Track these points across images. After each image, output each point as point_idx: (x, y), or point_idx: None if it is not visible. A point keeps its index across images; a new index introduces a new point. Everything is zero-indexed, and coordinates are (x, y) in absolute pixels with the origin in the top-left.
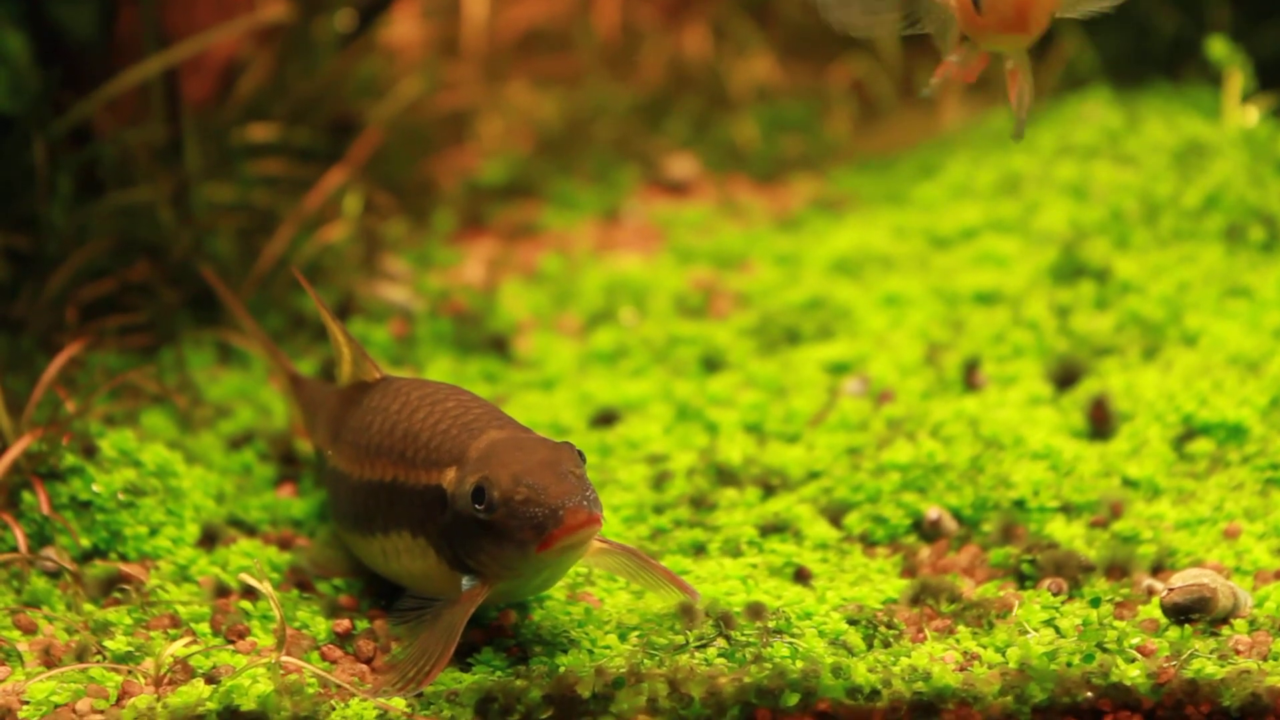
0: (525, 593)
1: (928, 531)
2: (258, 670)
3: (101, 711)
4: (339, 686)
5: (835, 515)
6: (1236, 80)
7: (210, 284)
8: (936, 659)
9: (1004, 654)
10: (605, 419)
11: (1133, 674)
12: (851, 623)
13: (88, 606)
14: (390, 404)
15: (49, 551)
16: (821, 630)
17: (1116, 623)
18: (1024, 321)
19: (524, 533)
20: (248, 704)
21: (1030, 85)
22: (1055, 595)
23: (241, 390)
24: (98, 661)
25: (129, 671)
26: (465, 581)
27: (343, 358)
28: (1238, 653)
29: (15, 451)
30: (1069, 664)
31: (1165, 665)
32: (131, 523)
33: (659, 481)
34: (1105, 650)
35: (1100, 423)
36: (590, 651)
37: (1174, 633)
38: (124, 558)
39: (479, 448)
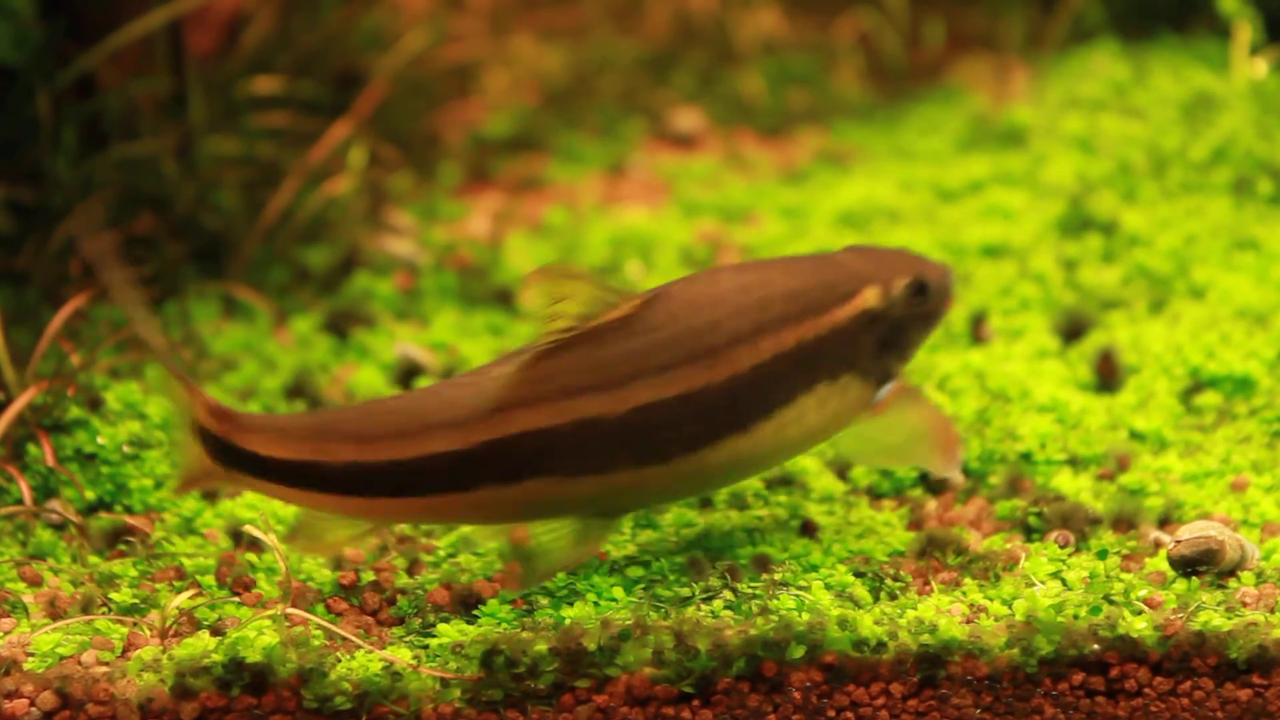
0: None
1: (934, 484)
2: (263, 622)
3: (107, 663)
4: (345, 638)
5: (842, 468)
6: (1245, 33)
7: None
8: (943, 611)
9: (1011, 606)
10: None
11: (1139, 626)
12: (858, 575)
13: (93, 559)
14: (701, 292)
15: (54, 504)
16: (827, 583)
17: (1123, 575)
18: (1031, 274)
19: (946, 304)
20: (253, 656)
21: None
22: (1062, 547)
23: (246, 344)
24: (103, 613)
25: (134, 623)
26: (881, 391)
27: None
28: (1245, 605)
29: (20, 404)
30: (1076, 616)
31: (1172, 618)
32: (136, 475)
33: None
34: (1112, 603)
35: (1107, 375)
36: (596, 604)
37: (1181, 585)
38: (129, 510)
39: (859, 266)
